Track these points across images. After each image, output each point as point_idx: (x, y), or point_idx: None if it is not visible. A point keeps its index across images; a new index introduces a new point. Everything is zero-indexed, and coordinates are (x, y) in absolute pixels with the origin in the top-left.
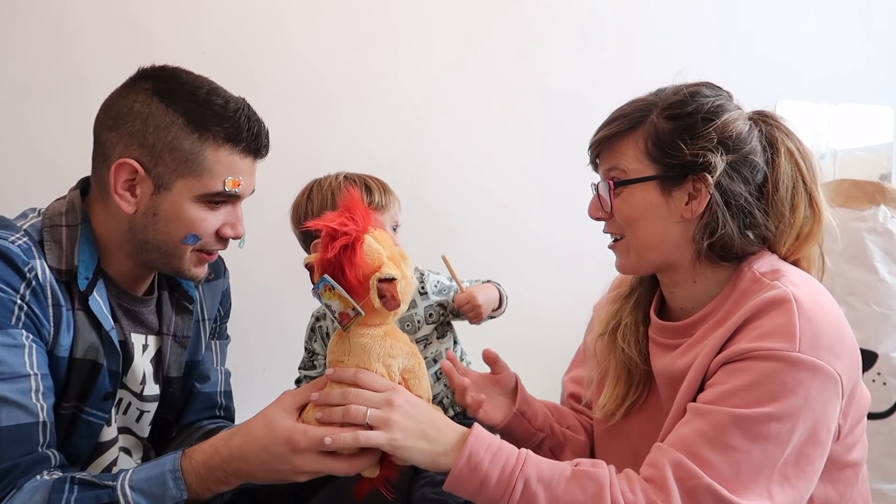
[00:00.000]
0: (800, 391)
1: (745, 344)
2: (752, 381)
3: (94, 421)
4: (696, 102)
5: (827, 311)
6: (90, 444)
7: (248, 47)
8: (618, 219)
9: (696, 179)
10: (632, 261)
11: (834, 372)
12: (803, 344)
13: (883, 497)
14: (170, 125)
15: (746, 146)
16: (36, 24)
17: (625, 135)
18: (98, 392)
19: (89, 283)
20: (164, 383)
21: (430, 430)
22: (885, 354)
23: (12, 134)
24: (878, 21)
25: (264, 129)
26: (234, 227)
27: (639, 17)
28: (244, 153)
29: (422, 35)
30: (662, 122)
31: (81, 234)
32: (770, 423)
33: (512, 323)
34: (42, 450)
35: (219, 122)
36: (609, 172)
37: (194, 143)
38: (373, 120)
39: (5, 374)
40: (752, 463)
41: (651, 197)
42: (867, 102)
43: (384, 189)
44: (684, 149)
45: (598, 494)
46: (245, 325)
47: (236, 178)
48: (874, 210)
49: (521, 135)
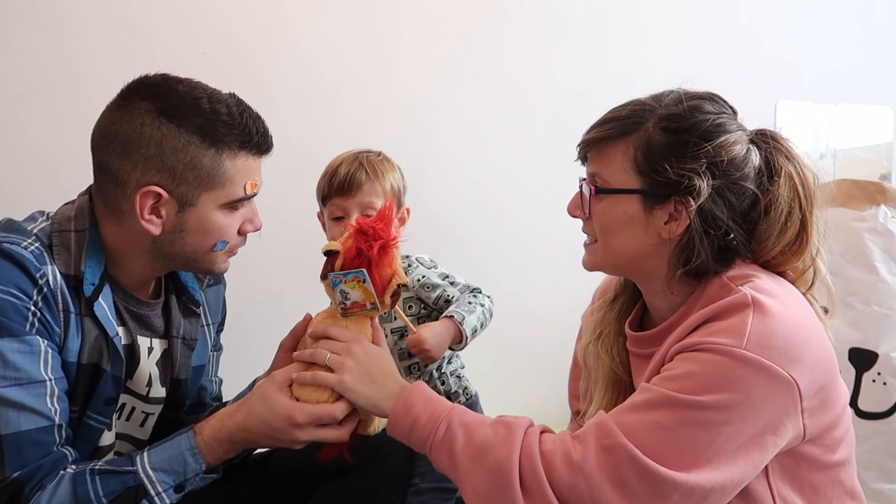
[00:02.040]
0: (739, 387)
1: (696, 337)
2: (693, 370)
3: (94, 425)
4: (694, 118)
5: (789, 316)
6: (89, 447)
7: (249, 47)
8: (595, 225)
9: (678, 201)
10: (598, 264)
11: (786, 375)
12: (750, 342)
13: (883, 497)
14: (186, 145)
15: (738, 172)
16: (36, 24)
17: (615, 140)
18: (100, 396)
19: (95, 289)
20: (173, 385)
21: (377, 377)
22: (885, 354)
23: (12, 135)
24: (878, 21)
25: (265, 124)
26: (253, 221)
27: (640, 17)
28: (257, 154)
29: (423, 34)
30: (657, 133)
31: (89, 239)
32: (701, 411)
33: (511, 323)
34: (58, 449)
35: (230, 131)
36: (593, 177)
37: (213, 158)
38: (373, 119)
39: (23, 380)
40: (676, 442)
41: (632, 211)
42: (867, 102)
43: (365, 169)
44: (673, 168)
45: (508, 437)
46: (245, 326)
47: (254, 180)
48: (874, 210)
49: (521, 134)
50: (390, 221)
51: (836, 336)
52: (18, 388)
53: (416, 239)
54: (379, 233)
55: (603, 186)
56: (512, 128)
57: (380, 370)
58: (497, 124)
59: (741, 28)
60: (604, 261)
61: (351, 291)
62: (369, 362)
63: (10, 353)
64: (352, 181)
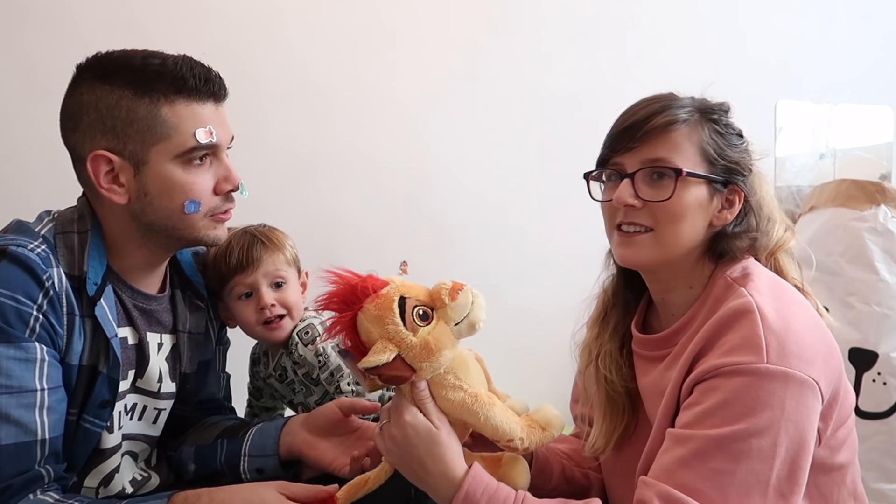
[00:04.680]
0: (774, 402)
1: (714, 360)
2: (725, 399)
3: (90, 428)
4: (729, 117)
5: (793, 317)
6: (87, 451)
7: (248, 48)
8: (662, 211)
9: (733, 188)
10: (654, 254)
11: (808, 378)
12: (771, 354)
13: (883, 497)
14: (119, 100)
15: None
16: (36, 24)
17: (680, 126)
18: (96, 399)
19: (98, 288)
20: (182, 380)
21: (423, 463)
22: (885, 354)
23: (12, 135)
24: (878, 21)
25: (213, 73)
26: (228, 178)
27: (640, 17)
28: (201, 100)
29: (421, 37)
30: (709, 124)
31: (91, 239)
32: (749, 439)
33: (511, 325)
34: (37, 467)
35: (161, 78)
36: (654, 162)
37: (148, 107)
38: (372, 122)
39: (13, 388)
40: (740, 483)
41: (702, 197)
42: (867, 102)
43: (261, 241)
44: (731, 156)
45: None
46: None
47: (206, 128)
48: (874, 210)
49: (520, 137)
50: (344, 294)
51: (836, 336)
52: (7, 396)
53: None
54: (337, 314)
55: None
56: (512, 129)
57: (428, 454)
58: (495, 127)
59: (741, 28)
60: (661, 250)
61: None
62: (407, 444)
63: (3, 360)
64: (249, 258)
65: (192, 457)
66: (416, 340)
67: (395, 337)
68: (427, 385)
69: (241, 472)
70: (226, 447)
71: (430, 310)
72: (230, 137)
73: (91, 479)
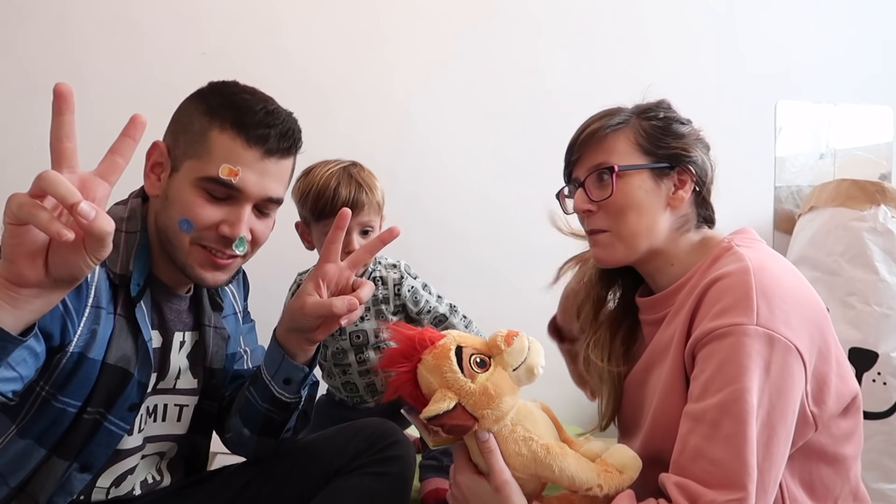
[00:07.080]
0: (759, 361)
1: (708, 323)
2: (721, 360)
3: (114, 430)
4: (666, 110)
5: (786, 283)
6: (108, 452)
7: (247, 48)
8: (612, 208)
9: (681, 170)
10: (618, 251)
11: (791, 345)
12: (760, 317)
13: (883, 497)
14: (192, 111)
15: (706, 148)
16: (36, 24)
17: (613, 131)
18: (124, 401)
19: (140, 290)
20: (208, 375)
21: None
22: (885, 354)
23: (13, 135)
24: (878, 21)
25: (286, 130)
26: (232, 225)
27: (640, 18)
28: (249, 142)
29: (420, 36)
30: (645, 122)
31: (139, 241)
32: (745, 396)
33: (511, 325)
34: None
35: (232, 108)
36: (596, 167)
37: (204, 123)
38: (371, 121)
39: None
40: (746, 442)
41: (646, 185)
42: (867, 102)
43: (364, 188)
44: (670, 143)
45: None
46: None
47: (233, 167)
48: (874, 210)
49: (520, 137)
50: (405, 350)
51: (836, 336)
52: None
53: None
54: (397, 372)
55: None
56: (512, 129)
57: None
58: (497, 126)
59: (741, 28)
60: (622, 244)
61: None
62: (462, 498)
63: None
64: (355, 203)
65: (240, 422)
66: (474, 387)
67: (454, 384)
68: (493, 438)
69: (278, 397)
70: (256, 390)
71: (488, 357)
72: (265, 196)
73: (104, 478)
